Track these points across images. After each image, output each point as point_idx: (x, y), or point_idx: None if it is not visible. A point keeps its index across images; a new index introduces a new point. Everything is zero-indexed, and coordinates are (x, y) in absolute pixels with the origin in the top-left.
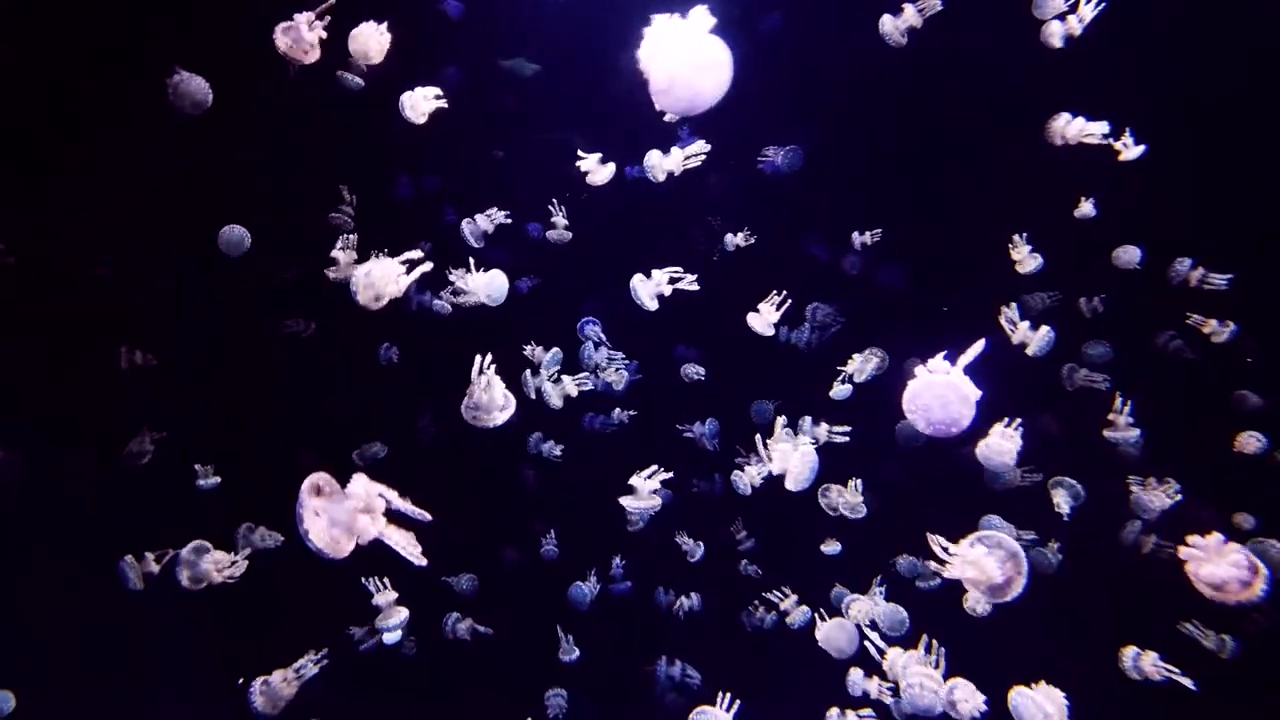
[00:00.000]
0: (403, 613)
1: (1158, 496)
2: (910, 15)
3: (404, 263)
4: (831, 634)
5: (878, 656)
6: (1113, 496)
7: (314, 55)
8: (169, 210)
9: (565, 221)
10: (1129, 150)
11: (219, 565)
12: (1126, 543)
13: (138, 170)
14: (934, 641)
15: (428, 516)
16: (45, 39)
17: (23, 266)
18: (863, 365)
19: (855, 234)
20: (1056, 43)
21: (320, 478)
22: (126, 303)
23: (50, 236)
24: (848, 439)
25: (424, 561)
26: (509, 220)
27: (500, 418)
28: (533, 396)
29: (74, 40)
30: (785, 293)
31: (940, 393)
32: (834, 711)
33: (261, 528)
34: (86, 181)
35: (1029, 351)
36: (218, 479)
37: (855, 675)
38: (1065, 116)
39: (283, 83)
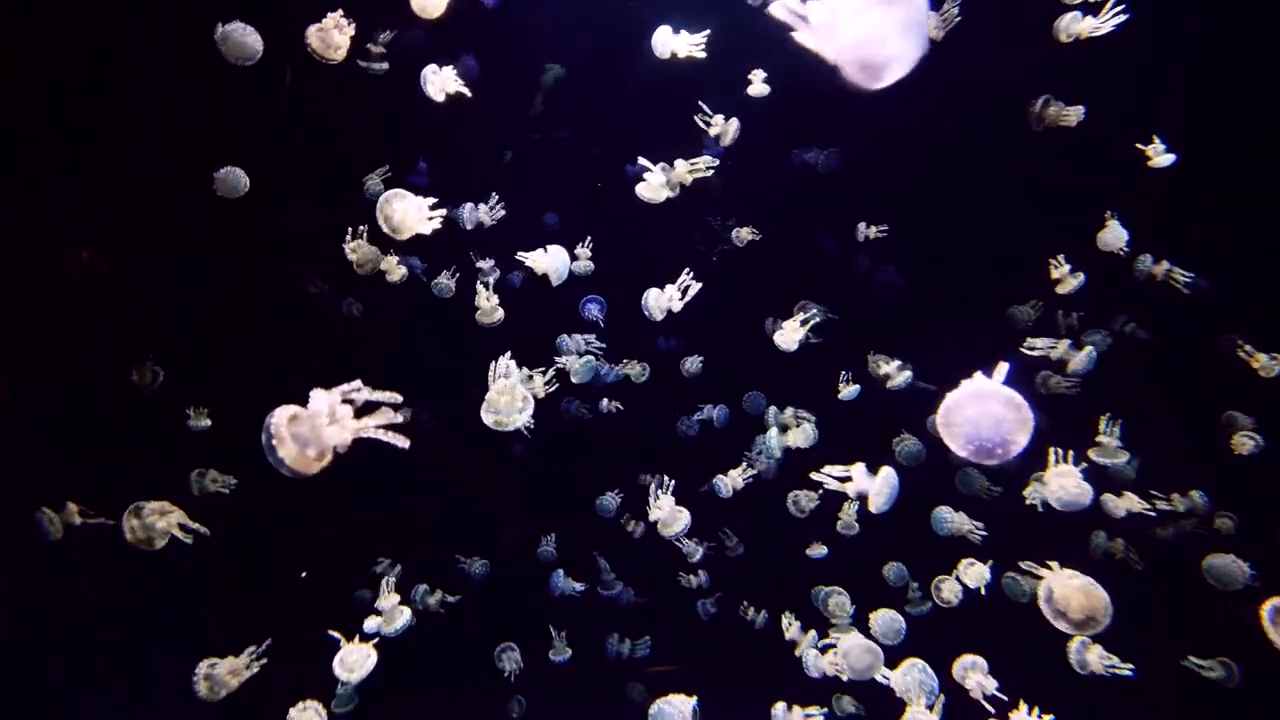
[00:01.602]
0: (405, 614)
1: (1127, 501)
2: (932, 27)
3: (431, 207)
4: (854, 653)
5: (884, 681)
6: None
7: (342, 54)
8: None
9: (589, 253)
10: (1159, 157)
11: (164, 513)
12: (1096, 550)
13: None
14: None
15: (398, 398)
16: (47, 38)
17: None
18: (895, 373)
19: (861, 225)
20: (1064, 38)
21: (293, 407)
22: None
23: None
24: (814, 423)
25: (406, 443)
26: (504, 212)
27: (519, 419)
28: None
29: (75, 39)
30: (814, 310)
31: (995, 411)
32: (780, 706)
33: (213, 471)
34: (87, 181)
35: (1069, 369)
36: (209, 422)
37: (810, 655)
38: (1043, 98)
39: (293, 75)
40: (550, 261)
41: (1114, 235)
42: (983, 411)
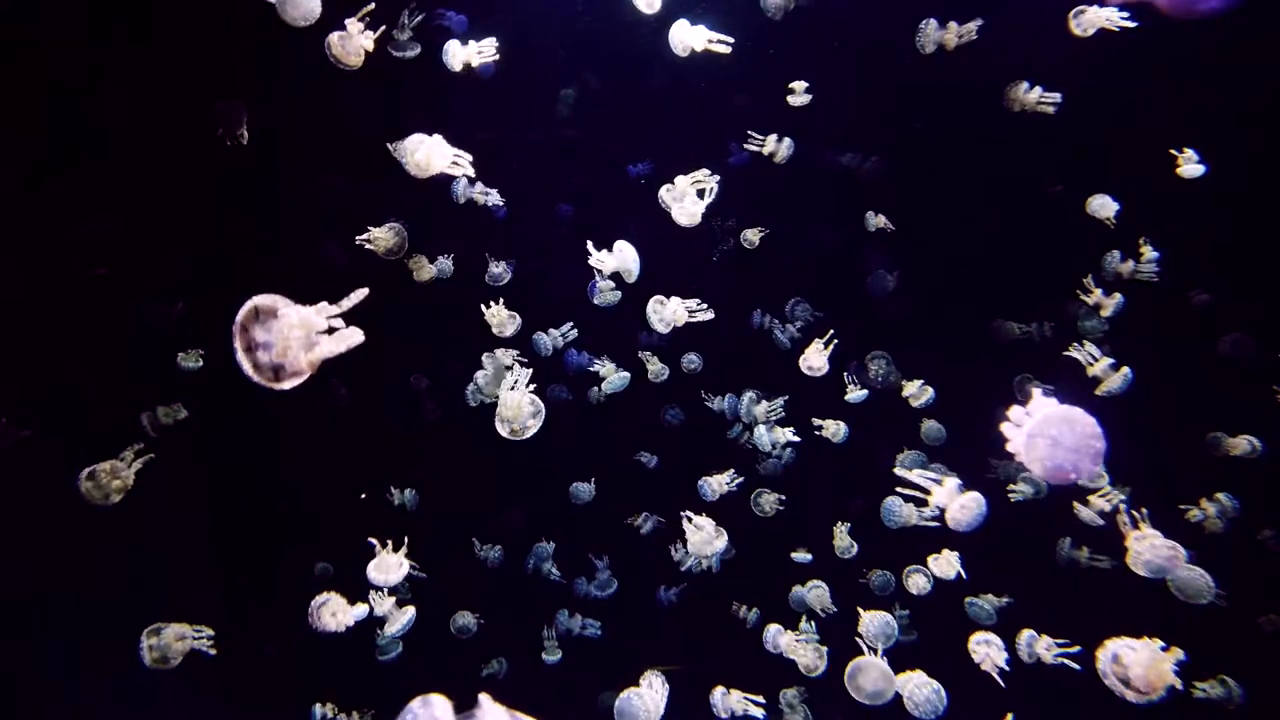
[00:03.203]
0: (409, 613)
1: (1098, 503)
2: (950, 36)
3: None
4: (869, 674)
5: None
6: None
7: (360, 60)
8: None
9: (612, 285)
10: (1189, 166)
11: (115, 473)
12: (1061, 559)
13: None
14: None
15: (363, 292)
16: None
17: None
18: (919, 392)
19: (870, 214)
20: (1075, 29)
21: (260, 302)
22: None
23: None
24: (783, 410)
25: (363, 337)
26: (502, 204)
27: (534, 426)
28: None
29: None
30: (832, 332)
31: (1078, 436)
32: (719, 690)
33: (160, 407)
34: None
35: (1101, 390)
36: (200, 363)
37: (772, 630)
38: (1024, 84)
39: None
40: (620, 260)
41: (1101, 203)
42: (1067, 434)
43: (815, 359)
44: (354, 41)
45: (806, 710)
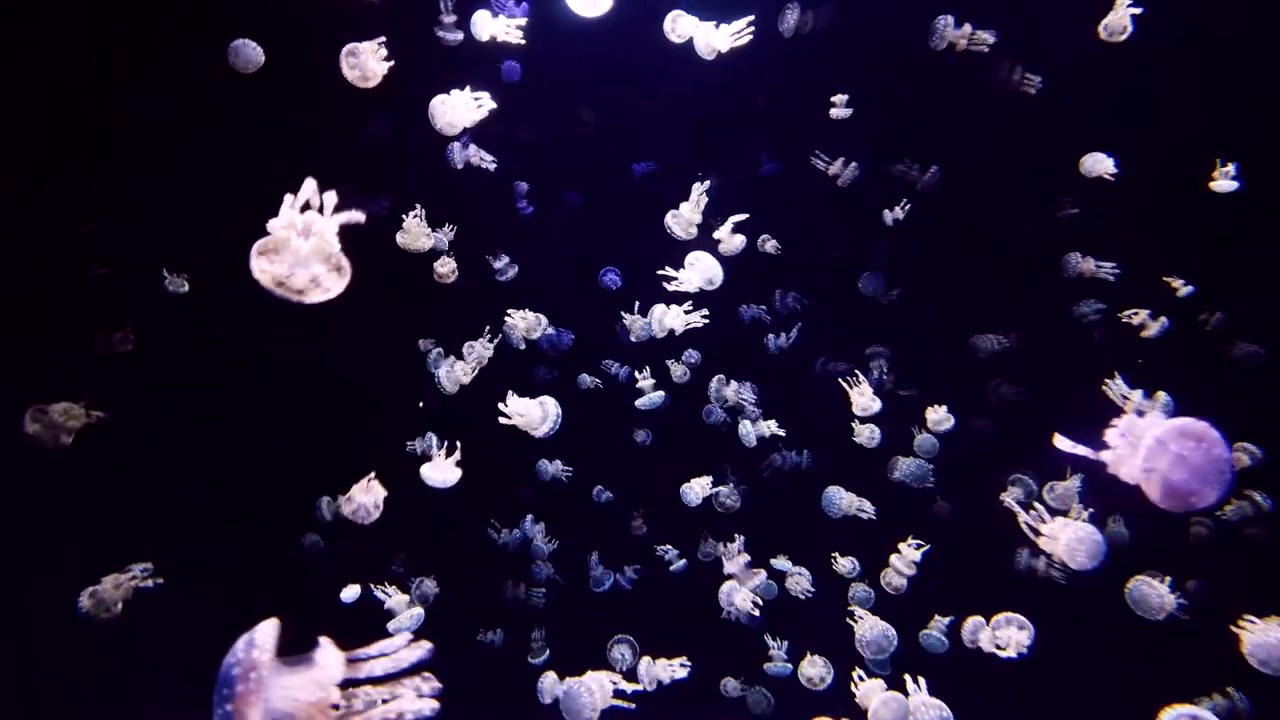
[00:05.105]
0: (416, 612)
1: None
2: (961, 40)
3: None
4: (889, 710)
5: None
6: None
7: (376, 81)
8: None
9: (642, 320)
10: (1224, 181)
11: (70, 414)
12: (1021, 570)
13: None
14: None
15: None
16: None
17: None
18: (943, 418)
19: (886, 211)
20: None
21: (259, 247)
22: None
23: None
24: (756, 401)
25: (362, 216)
26: (494, 164)
27: (548, 425)
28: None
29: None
30: (857, 375)
31: (1210, 459)
32: (645, 660)
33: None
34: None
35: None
36: (186, 288)
37: (728, 587)
38: (1009, 65)
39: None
40: (699, 273)
41: (1095, 160)
42: (1197, 452)
43: (862, 401)
44: (369, 65)
45: (766, 696)
